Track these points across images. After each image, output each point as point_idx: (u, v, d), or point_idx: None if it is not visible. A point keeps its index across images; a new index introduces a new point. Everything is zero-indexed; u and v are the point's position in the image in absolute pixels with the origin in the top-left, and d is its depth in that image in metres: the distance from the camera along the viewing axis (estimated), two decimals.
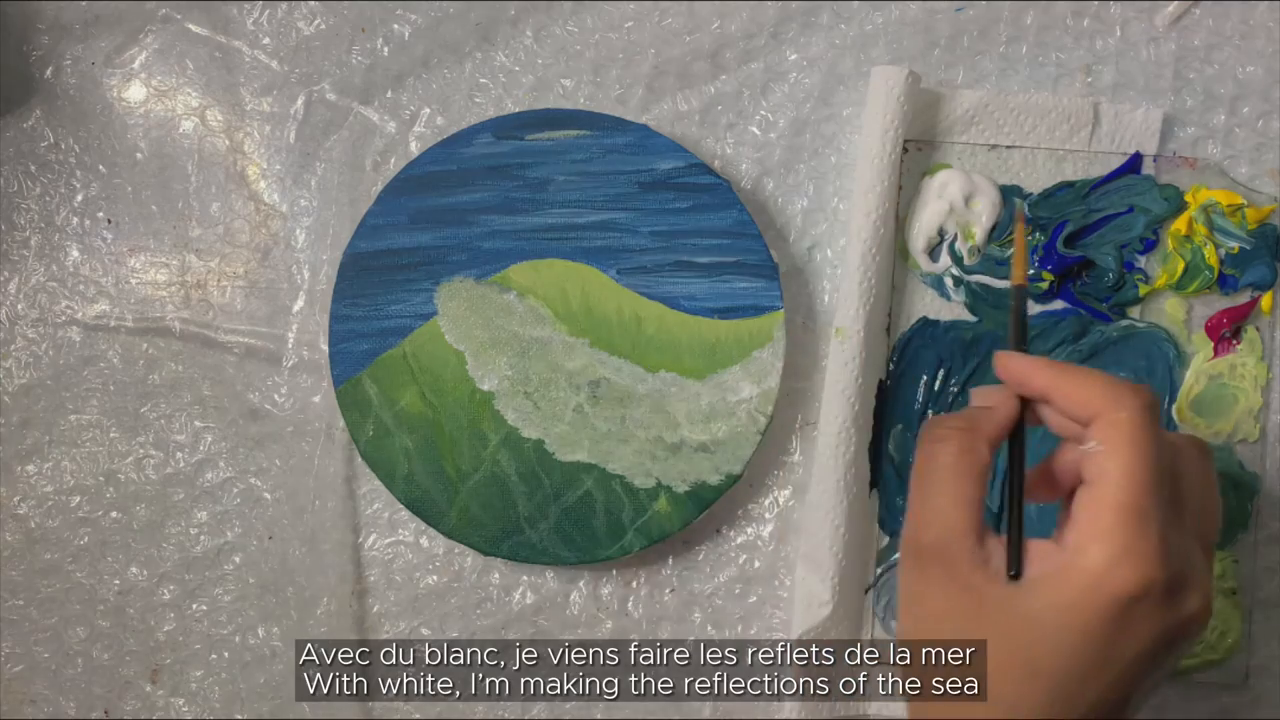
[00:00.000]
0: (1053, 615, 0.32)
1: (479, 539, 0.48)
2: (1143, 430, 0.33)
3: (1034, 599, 0.33)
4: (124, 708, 0.50)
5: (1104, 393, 0.34)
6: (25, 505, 0.50)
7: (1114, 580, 0.32)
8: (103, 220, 0.51)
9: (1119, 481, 0.32)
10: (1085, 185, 0.49)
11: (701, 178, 0.48)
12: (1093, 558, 0.32)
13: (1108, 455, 0.33)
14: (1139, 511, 0.32)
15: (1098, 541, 0.32)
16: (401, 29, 0.50)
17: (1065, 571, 0.32)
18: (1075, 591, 0.32)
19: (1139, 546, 0.32)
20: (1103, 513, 0.32)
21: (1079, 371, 0.35)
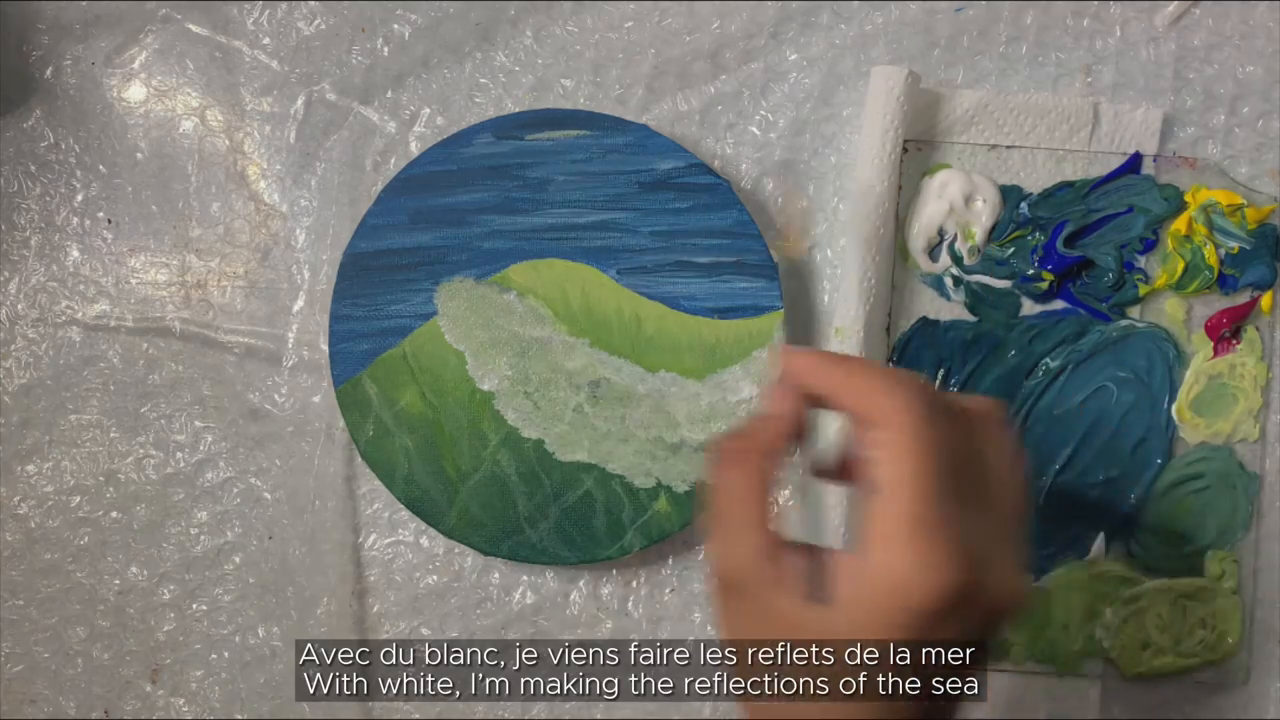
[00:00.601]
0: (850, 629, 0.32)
1: (479, 539, 0.48)
2: (921, 436, 0.31)
3: (838, 619, 0.32)
4: (124, 708, 0.50)
5: (876, 396, 0.32)
6: (25, 505, 0.50)
7: (907, 593, 0.31)
8: (103, 220, 0.51)
9: (904, 494, 0.31)
10: (1085, 185, 0.49)
11: (701, 178, 0.48)
12: (888, 574, 0.31)
13: (890, 465, 0.31)
14: (928, 522, 0.31)
15: (892, 556, 0.31)
16: (401, 29, 0.50)
17: (865, 589, 0.31)
18: (869, 605, 0.31)
19: (932, 558, 0.31)
20: (893, 526, 0.31)
21: (853, 368, 0.33)
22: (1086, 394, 0.49)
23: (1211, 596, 0.49)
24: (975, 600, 0.31)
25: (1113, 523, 0.49)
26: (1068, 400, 0.49)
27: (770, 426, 0.34)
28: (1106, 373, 0.49)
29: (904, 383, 0.32)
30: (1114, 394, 0.49)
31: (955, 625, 0.31)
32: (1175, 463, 0.49)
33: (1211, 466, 0.49)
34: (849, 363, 0.34)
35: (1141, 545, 0.49)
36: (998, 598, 0.32)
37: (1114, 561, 0.49)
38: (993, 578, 0.32)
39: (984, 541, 0.32)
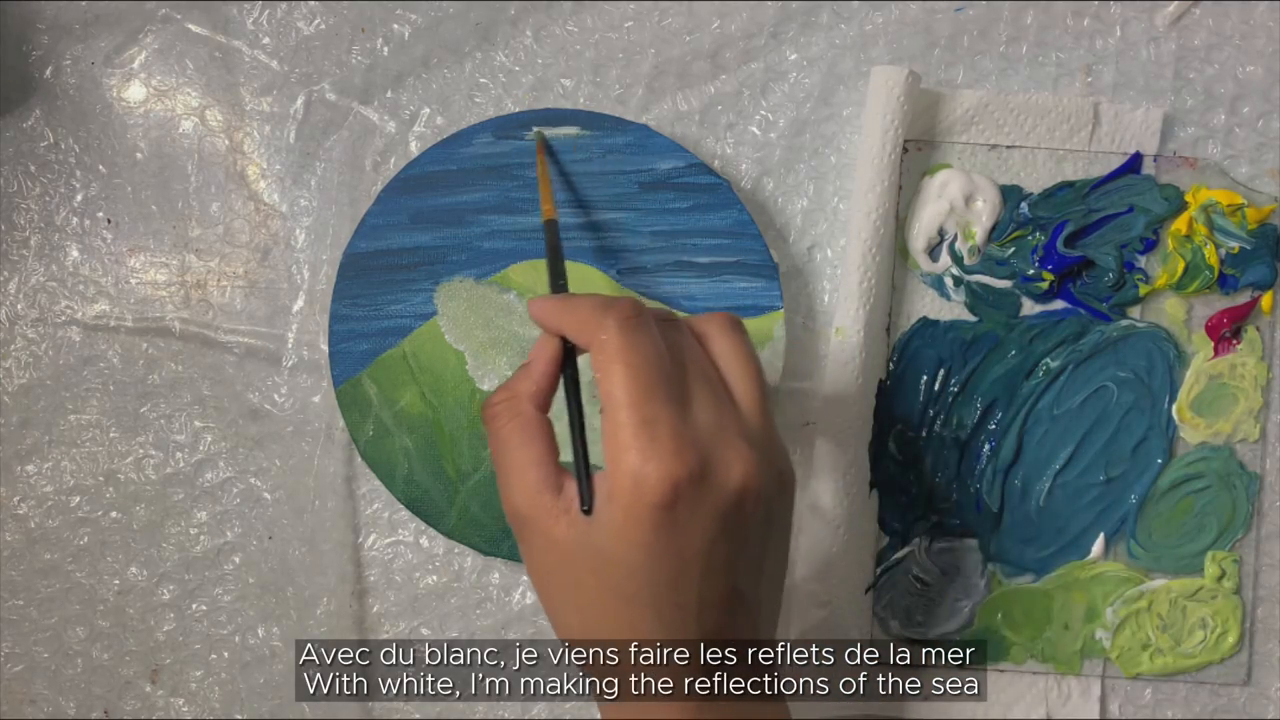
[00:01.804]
0: (615, 541, 0.34)
1: (479, 539, 0.48)
2: (623, 347, 0.34)
3: (598, 531, 0.34)
4: (124, 708, 0.50)
5: (586, 321, 0.35)
6: (25, 505, 0.50)
7: (643, 491, 0.33)
8: (102, 220, 0.51)
9: (618, 401, 0.34)
10: (1085, 185, 0.49)
11: (701, 178, 0.48)
12: (621, 477, 0.33)
13: (603, 379, 0.34)
14: (642, 421, 0.33)
15: (620, 460, 0.33)
16: (401, 29, 0.50)
17: (609, 497, 0.34)
18: (621, 513, 0.33)
19: (652, 451, 0.33)
20: (617, 433, 0.34)
21: (574, 302, 0.37)
22: (1087, 394, 0.49)
23: (1212, 596, 0.49)
24: (706, 485, 0.34)
25: (1113, 523, 0.49)
26: (1068, 400, 0.49)
27: (532, 371, 0.37)
28: (1107, 373, 0.49)
29: (610, 307, 0.35)
30: (1114, 394, 0.49)
31: (696, 514, 0.34)
32: (1175, 463, 0.49)
33: (1212, 466, 0.49)
34: (569, 300, 0.37)
35: (1141, 545, 0.49)
36: (735, 479, 0.34)
37: (1114, 561, 0.49)
38: (722, 463, 0.34)
39: (708, 430, 0.34)
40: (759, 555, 0.36)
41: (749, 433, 0.36)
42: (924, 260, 0.49)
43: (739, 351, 0.37)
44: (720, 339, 0.37)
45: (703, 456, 0.34)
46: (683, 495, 0.33)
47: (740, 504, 0.34)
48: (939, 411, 0.49)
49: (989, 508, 0.49)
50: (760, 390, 0.37)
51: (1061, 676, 0.49)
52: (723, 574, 0.35)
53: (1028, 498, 0.49)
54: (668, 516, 0.33)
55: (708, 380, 0.36)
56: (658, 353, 0.35)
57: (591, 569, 0.34)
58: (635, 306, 0.35)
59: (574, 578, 0.35)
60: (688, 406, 0.35)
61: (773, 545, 0.37)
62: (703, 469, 0.34)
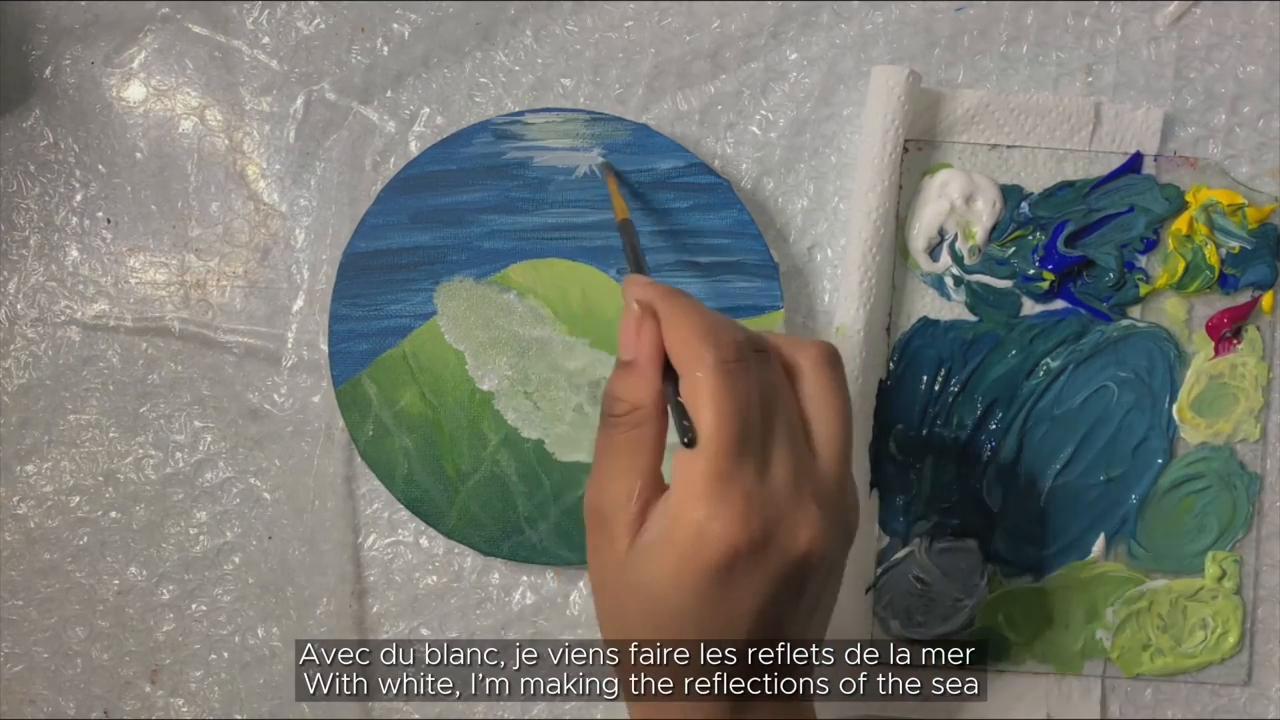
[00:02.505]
0: (667, 584, 0.33)
1: (479, 539, 0.48)
2: (720, 389, 0.33)
3: (648, 564, 0.33)
4: (124, 708, 0.50)
5: (686, 348, 0.34)
6: (25, 505, 0.50)
7: (703, 547, 0.32)
8: (102, 220, 0.51)
9: (704, 447, 0.33)
10: (1086, 185, 0.49)
11: (701, 177, 0.48)
12: (685, 525, 0.33)
13: (694, 415, 0.33)
14: (722, 475, 0.33)
15: (687, 508, 0.33)
16: (401, 29, 0.50)
17: (667, 537, 0.33)
18: (676, 558, 0.33)
19: (724, 509, 0.32)
20: (692, 479, 0.33)
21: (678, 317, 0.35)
22: (1087, 394, 0.49)
23: (1212, 597, 0.49)
24: (768, 552, 0.33)
25: (1113, 523, 0.49)
26: (1068, 400, 0.49)
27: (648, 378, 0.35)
28: (1107, 373, 0.49)
29: (712, 342, 0.34)
30: (1115, 394, 0.49)
31: (751, 578, 0.33)
32: (1176, 463, 0.49)
33: (1212, 466, 0.49)
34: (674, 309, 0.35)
35: (1142, 545, 0.49)
36: (799, 546, 0.33)
37: (1114, 561, 0.49)
38: (787, 530, 0.33)
39: (782, 491, 0.34)
40: (812, 607, 0.35)
41: (823, 490, 0.35)
42: (924, 260, 0.49)
43: (829, 393, 0.36)
44: (812, 378, 0.36)
45: (770, 522, 0.33)
46: (741, 559, 0.32)
47: (802, 568, 0.34)
48: (939, 411, 0.49)
49: (989, 508, 0.49)
50: (844, 437, 0.36)
51: (1062, 677, 0.49)
52: (774, 628, 0.34)
53: (1028, 498, 0.49)
54: (724, 576, 0.33)
55: (791, 430, 0.35)
56: (749, 405, 0.33)
57: (641, 597, 0.34)
58: (738, 349, 0.34)
59: (624, 597, 0.34)
60: (767, 462, 0.34)
61: (827, 595, 0.36)
62: (766, 536, 0.33)
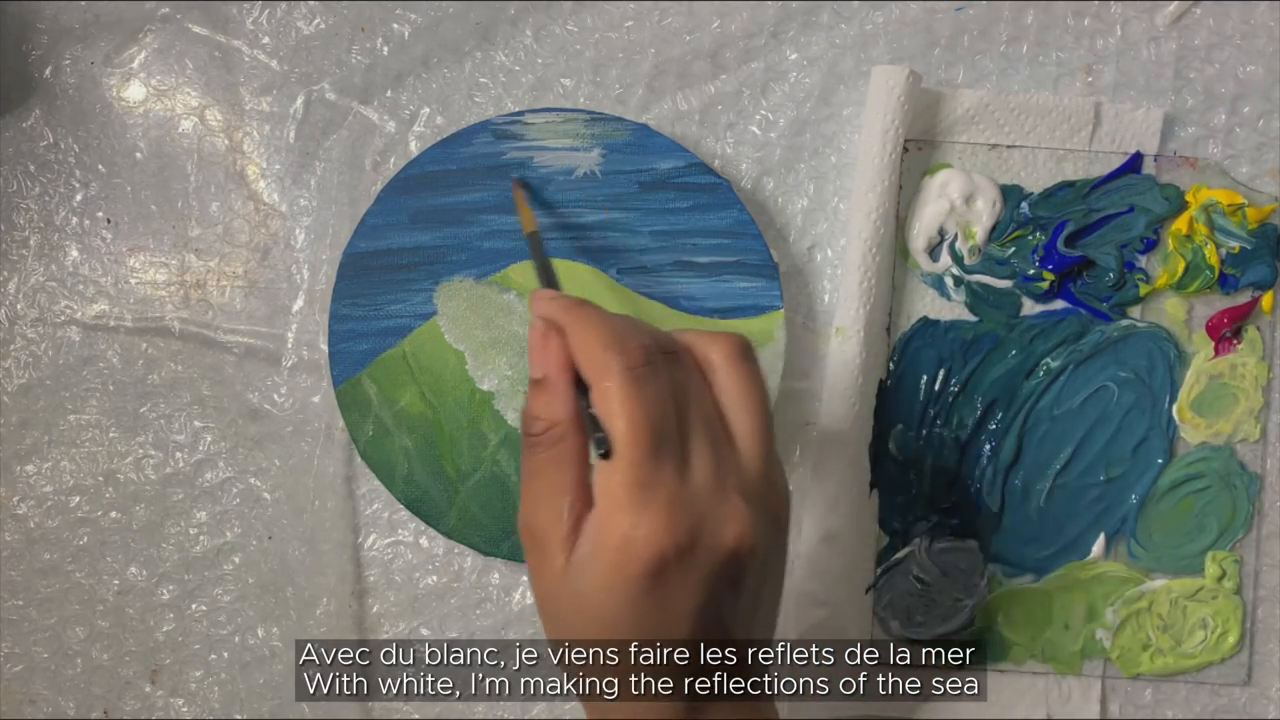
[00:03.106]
0: (601, 594, 0.33)
1: (479, 539, 0.48)
2: (626, 400, 0.33)
3: (582, 578, 0.33)
4: (124, 708, 0.50)
5: (593, 359, 0.34)
6: (25, 505, 0.50)
7: (631, 556, 0.32)
8: (102, 220, 0.51)
9: (620, 456, 0.33)
10: (1086, 185, 0.49)
11: (701, 177, 0.48)
12: (611, 536, 0.33)
13: (608, 424, 0.33)
14: (640, 483, 0.32)
15: (612, 519, 0.33)
16: (401, 29, 0.50)
17: (597, 550, 0.33)
18: (608, 570, 0.33)
19: (644, 516, 0.32)
20: (613, 489, 0.33)
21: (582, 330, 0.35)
22: (1087, 394, 0.49)
23: (1212, 597, 0.49)
24: (698, 551, 0.33)
25: (1113, 523, 0.49)
26: (1068, 400, 0.49)
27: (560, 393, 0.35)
28: (1107, 373, 0.49)
29: (618, 350, 0.33)
30: (1115, 394, 0.49)
31: (685, 578, 0.33)
32: (1176, 463, 0.49)
33: (1212, 466, 0.49)
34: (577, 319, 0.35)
35: (1142, 545, 0.49)
36: (728, 541, 0.33)
37: (1114, 561, 0.49)
38: (714, 528, 0.33)
39: (704, 490, 0.33)
40: (753, 602, 0.35)
41: (747, 483, 0.35)
42: (924, 260, 0.49)
43: (744, 386, 0.36)
44: (725, 371, 0.36)
45: (695, 523, 0.33)
46: (670, 563, 0.32)
47: (734, 564, 0.33)
48: (939, 411, 0.49)
49: (989, 508, 0.49)
50: (764, 428, 0.36)
51: (1062, 677, 0.49)
52: (713, 628, 0.34)
53: (1028, 498, 0.49)
54: (654, 581, 0.32)
55: (708, 427, 0.34)
56: (661, 409, 0.33)
57: (579, 610, 0.34)
58: (645, 353, 0.34)
59: (565, 613, 0.34)
60: (686, 463, 0.33)
61: (767, 588, 0.36)
62: (693, 537, 0.33)
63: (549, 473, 0.35)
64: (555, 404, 0.35)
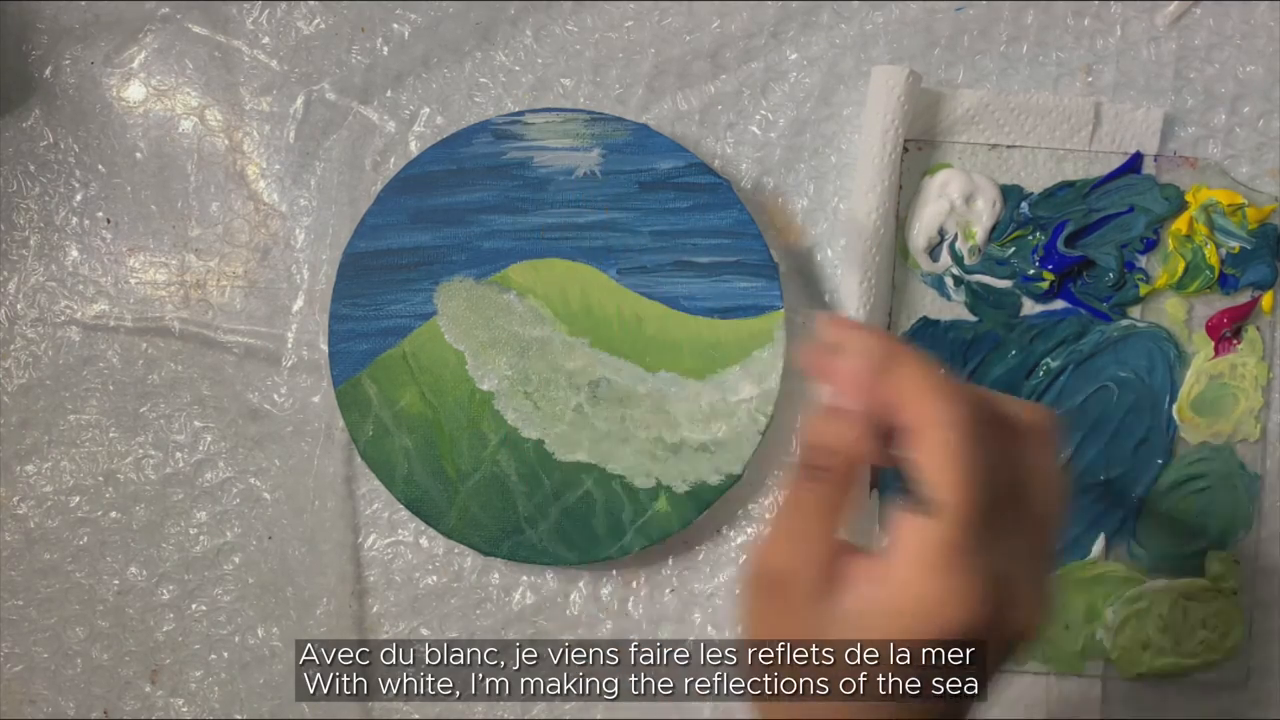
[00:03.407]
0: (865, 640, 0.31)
1: (479, 539, 0.48)
2: (966, 458, 0.30)
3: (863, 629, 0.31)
4: (124, 708, 0.50)
5: (930, 406, 0.31)
6: (25, 505, 0.50)
7: (937, 620, 0.30)
8: (102, 220, 0.51)
9: (945, 516, 0.30)
10: (1086, 185, 0.49)
11: (701, 177, 0.48)
12: (913, 597, 0.30)
13: (932, 482, 0.31)
14: (964, 548, 0.30)
15: (921, 579, 0.30)
16: (401, 29, 0.50)
17: (890, 605, 0.31)
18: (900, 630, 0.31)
19: (963, 584, 0.30)
20: (927, 549, 0.30)
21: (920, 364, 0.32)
22: (1087, 394, 0.49)
23: (1212, 597, 0.49)
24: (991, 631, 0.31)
25: (1113, 523, 0.49)
26: (1069, 400, 0.49)
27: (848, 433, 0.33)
28: (1107, 373, 0.49)
29: (954, 400, 0.31)
30: (1115, 394, 0.49)
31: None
32: (1176, 463, 0.49)
33: (1212, 466, 0.49)
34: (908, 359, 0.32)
35: (1142, 545, 0.49)
36: (1017, 626, 0.32)
37: (1114, 561, 0.49)
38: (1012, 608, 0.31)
39: (1013, 567, 0.31)
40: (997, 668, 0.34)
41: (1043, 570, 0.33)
42: (924, 260, 0.49)
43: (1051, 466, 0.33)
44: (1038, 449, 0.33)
45: (1003, 604, 0.31)
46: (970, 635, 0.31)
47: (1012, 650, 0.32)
48: None
49: None
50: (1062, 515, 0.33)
51: (1062, 676, 0.49)
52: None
53: None
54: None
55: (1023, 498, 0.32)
56: (992, 476, 0.31)
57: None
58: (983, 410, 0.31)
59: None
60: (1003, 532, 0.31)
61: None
62: (998, 618, 0.31)
63: (817, 515, 0.32)
64: (856, 442, 0.32)
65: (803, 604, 0.32)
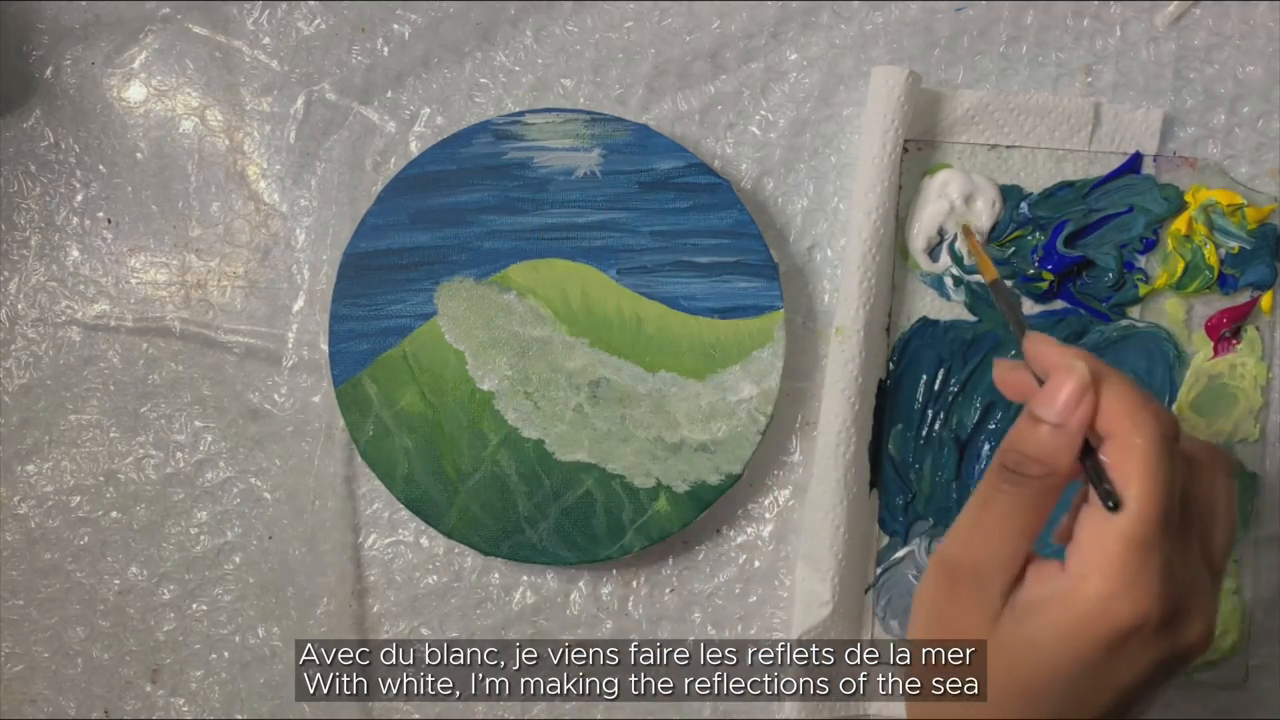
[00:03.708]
0: (1051, 640, 0.32)
1: (479, 539, 0.48)
2: (1159, 461, 0.32)
3: (1035, 623, 0.33)
4: (124, 708, 0.50)
5: (1131, 414, 0.33)
6: (25, 505, 0.50)
7: (1113, 612, 0.31)
8: (103, 220, 0.51)
9: (1128, 513, 0.32)
10: (1085, 185, 0.49)
11: (701, 177, 0.48)
12: (1093, 587, 0.32)
13: (1119, 483, 0.32)
14: (1145, 545, 0.32)
15: (1100, 572, 0.32)
16: (401, 29, 0.50)
17: (1066, 597, 0.32)
18: (1074, 619, 0.32)
19: (1141, 580, 0.31)
20: (1107, 542, 0.32)
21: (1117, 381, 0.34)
22: None
23: None
24: (1169, 633, 0.32)
25: None
26: None
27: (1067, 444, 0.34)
28: None
29: (1150, 405, 0.33)
30: None
31: (1144, 654, 0.32)
32: None
33: None
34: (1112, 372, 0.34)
35: None
36: (1191, 636, 0.33)
37: None
38: (1189, 616, 0.32)
39: (1188, 575, 0.33)
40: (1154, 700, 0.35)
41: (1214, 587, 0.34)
42: (924, 260, 0.49)
43: (1228, 497, 0.35)
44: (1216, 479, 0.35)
45: (1179, 605, 0.32)
46: (1145, 631, 0.32)
47: (1185, 658, 0.33)
48: (939, 411, 0.49)
49: None
50: (1229, 545, 0.35)
51: None
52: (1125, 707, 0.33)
53: None
54: (1120, 644, 0.32)
55: (1198, 521, 0.34)
56: (1175, 484, 0.32)
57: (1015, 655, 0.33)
58: (1176, 425, 0.33)
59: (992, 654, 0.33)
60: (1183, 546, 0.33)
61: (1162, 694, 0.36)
62: (1177, 615, 0.32)
63: (1019, 516, 0.34)
64: (1064, 454, 0.33)
65: (993, 597, 0.33)
